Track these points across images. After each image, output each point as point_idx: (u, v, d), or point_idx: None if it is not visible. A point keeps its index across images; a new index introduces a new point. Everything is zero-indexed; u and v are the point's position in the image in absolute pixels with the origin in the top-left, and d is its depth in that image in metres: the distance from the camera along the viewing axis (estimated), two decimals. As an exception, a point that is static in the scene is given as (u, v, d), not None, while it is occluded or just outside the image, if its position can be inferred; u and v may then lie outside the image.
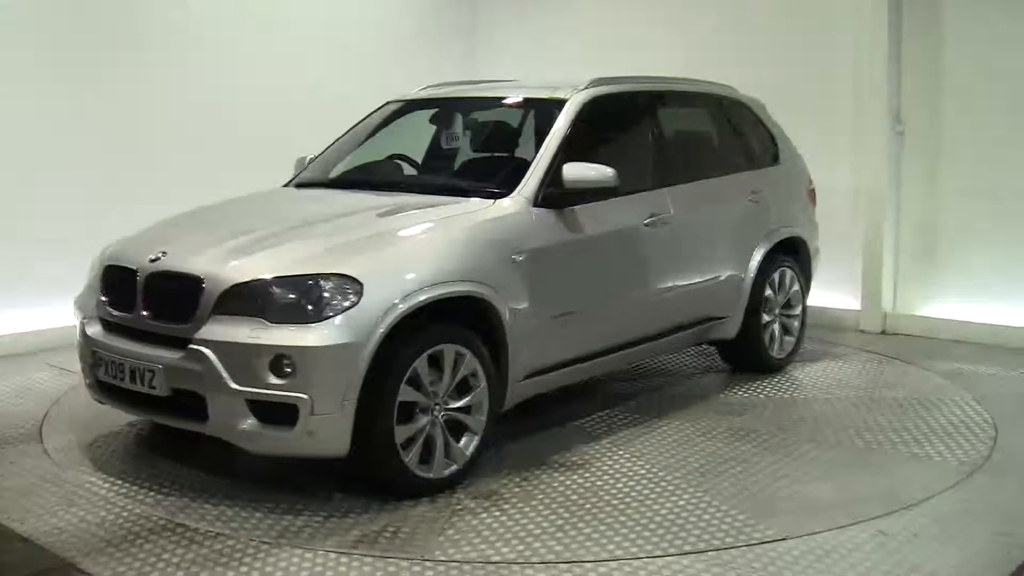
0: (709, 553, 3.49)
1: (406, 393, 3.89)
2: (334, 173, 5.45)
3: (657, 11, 8.35)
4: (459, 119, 5.66)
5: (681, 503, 3.95)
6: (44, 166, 6.86)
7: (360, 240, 4.13)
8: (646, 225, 5.03)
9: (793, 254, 6.09)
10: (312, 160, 5.67)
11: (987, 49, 6.72)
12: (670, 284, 5.22)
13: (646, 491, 4.10)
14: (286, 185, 5.54)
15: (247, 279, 3.87)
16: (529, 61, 9.00)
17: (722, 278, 5.56)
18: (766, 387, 5.70)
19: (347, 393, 3.73)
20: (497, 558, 3.47)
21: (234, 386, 3.76)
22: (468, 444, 4.16)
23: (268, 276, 3.85)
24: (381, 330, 3.77)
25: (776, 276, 5.90)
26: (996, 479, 4.21)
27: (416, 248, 4.17)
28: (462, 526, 3.75)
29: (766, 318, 5.85)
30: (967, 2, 6.80)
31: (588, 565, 3.40)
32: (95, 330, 4.38)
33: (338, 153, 5.65)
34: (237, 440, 3.88)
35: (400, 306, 3.84)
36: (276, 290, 3.82)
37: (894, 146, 7.06)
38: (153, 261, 4.17)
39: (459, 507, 3.94)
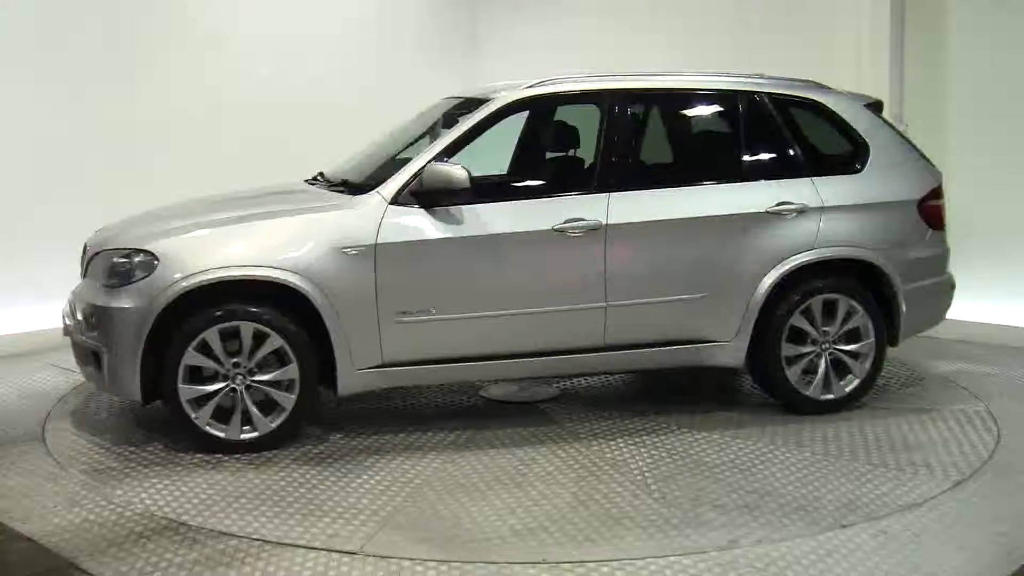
0: (711, 553, 3.50)
1: (195, 358, 4.44)
2: (330, 169, 5.46)
3: (658, 12, 8.36)
4: (440, 119, 5.61)
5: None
6: (45, 166, 6.88)
7: (198, 223, 4.73)
8: (558, 231, 4.73)
9: (863, 280, 5.13)
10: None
11: (990, 48, 6.72)
12: (599, 296, 4.80)
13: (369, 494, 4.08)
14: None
15: (98, 250, 4.78)
16: (530, 62, 9.02)
17: (704, 296, 4.92)
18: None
19: (132, 349, 4.42)
20: (161, 512, 3.90)
21: (76, 332, 4.72)
22: (275, 417, 4.55)
23: (104, 248, 4.73)
24: (163, 300, 4.39)
25: (816, 303, 5.01)
26: (997, 479, 4.21)
27: (231, 234, 4.62)
28: (185, 480, 4.23)
29: (796, 350, 5.03)
30: (970, 1, 6.80)
31: (591, 565, 3.40)
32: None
33: (368, 150, 5.62)
34: (85, 376, 4.89)
35: (182, 282, 4.40)
36: (109, 260, 4.63)
37: (895, 146, 7.05)
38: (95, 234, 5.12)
39: (215, 464, 4.40)
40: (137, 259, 4.51)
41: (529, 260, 4.77)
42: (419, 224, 4.63)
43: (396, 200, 4.63)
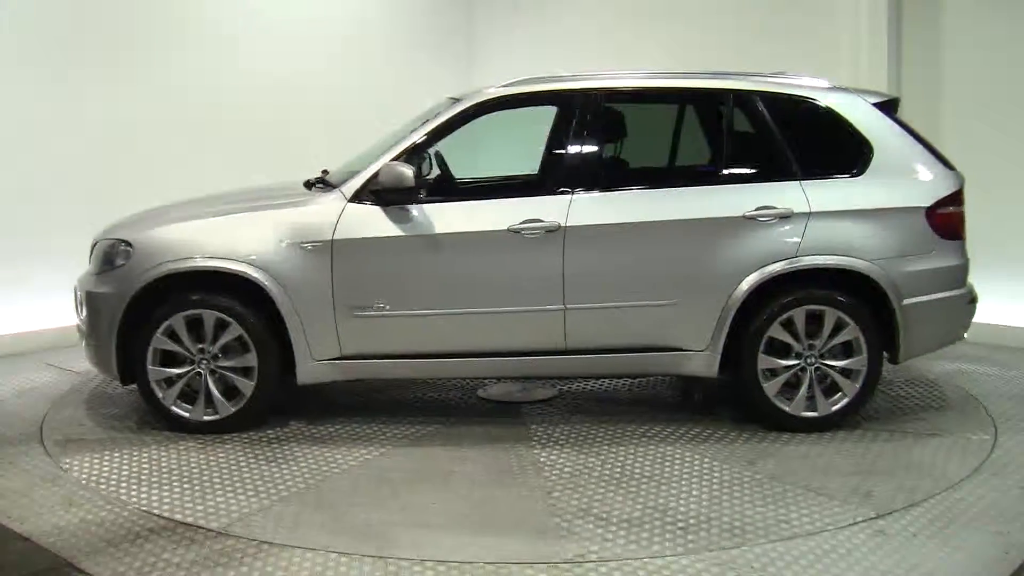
0: (709, 553, 3.50)
1: (162, 342, 4.77)
2: (335, 169, 5.47)
3: (655, 11, 8.37)
4: None
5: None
6: (44, 166, 6.87)
7: (175, 217, 4.99)
8: (514, 231, 4.69)
9: (855, 291, 4.78)
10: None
11: (987, 48, 6.73)
12: (556, 298, 4.73)
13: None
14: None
15: (97, 239, 5.10)
16: (529, 63, 9.02)
17: (672, 303, 4.74)
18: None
19: (109, 330, 4.76)
20: (102, 482, 4.31)
21: (77, 316, 5.09)
22: (236, 402, 4.82)
23: (101, 238, 5.06)
24: (135, 286, 4.72)
25: (799, 314, 4.74)
26: (996, 479, 4.21)
27: (199, 227, 4.87)
28: (130, 454, 4.59)
29: (775, 363, 4.78)
30: (967, 1, 6.81)
31: (589, 565, 3.40)
32: None
33: (365, 150, 5.62)
34: (86, 356, 5.08)
35: (151, 271, 4.72)
36: (101, 249, 4.99)
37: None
38: None
39: (170, 442, 4.72)
40: (119, 248, 4.88)
41: (483, 260, 4.76)
42: (375, 221, 4.73)
43: (356, 198, 4.77)
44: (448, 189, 5.15)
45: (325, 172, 5.43)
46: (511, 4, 9.56)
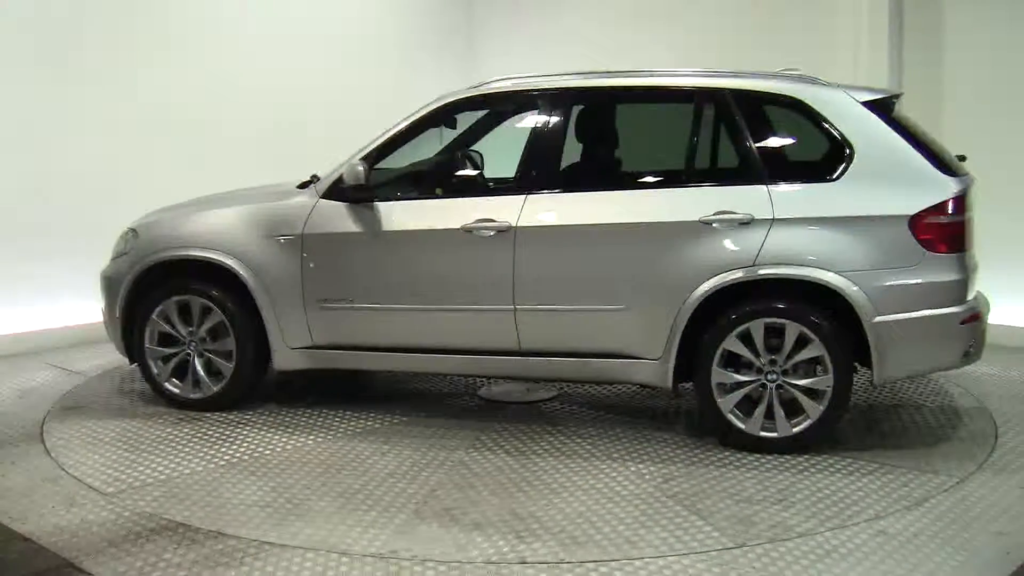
0: (711, 553, 3.50)
1: (158, 325, 5.19)
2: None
3: (656, 11, 8.37)
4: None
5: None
6: (45, 166, 6.87)
7: (181, 209, 5.43)
8: (467, 230, 4.70)
9: (822, 304, 4.39)
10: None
11: (988, 49, 6.73)
12: (507, 298, 4.68)
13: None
14: None
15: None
16: (529, 63, 9.01)
17: (623, 308, 4.57)
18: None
19: (116, 312, 5.25)
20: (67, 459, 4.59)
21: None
22: (219, 382, 5.17)
23: (125, 227, 5.43)
24: (135, 271, 5.18)
25: (756, 326, 4.41)
26: (996, 479, 4.21)
27: (188, 220, 5.28)
28: (102, 428, 4.98)
29: (732, 377, 4.48)
30: (968, 2, 6.81)
31: (590, 565, 3.40)
32: None
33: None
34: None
35: (147, 258, 5.18)
36: (120, 235, 5.45)
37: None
38: None
39: (145, 419, 5.11)
40: (128, 236, 5.38)
41: (438, 258, 4.83)
42: (340, 217, 4.93)
43: (328, 195, 4.97)
44: (409, 187, 5.20)
45: None
46: (511, 4, 9.56)
